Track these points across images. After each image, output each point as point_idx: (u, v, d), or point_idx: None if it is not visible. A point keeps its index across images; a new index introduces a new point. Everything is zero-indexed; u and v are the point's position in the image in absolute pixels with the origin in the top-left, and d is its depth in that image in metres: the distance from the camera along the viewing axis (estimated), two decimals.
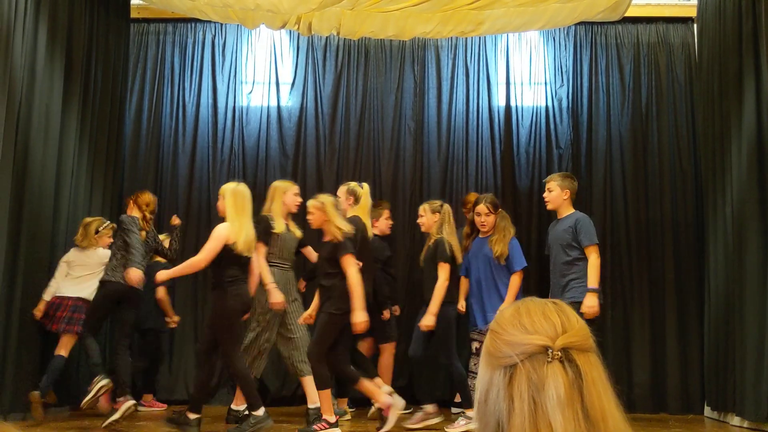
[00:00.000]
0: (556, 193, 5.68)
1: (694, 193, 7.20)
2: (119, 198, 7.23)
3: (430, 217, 5.87)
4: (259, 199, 7.46)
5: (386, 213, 6.54)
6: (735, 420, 5.89)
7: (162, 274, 5.31)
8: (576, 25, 7.29)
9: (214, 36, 7.73)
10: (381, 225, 6.43)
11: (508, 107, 7.55)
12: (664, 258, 7.13)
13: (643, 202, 7.27)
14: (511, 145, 7.49)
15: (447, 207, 5.85)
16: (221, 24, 7.54)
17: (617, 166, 7.37)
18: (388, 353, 6.29)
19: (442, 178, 7.47)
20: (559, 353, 1.10)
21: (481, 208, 5.94)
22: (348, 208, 5.89)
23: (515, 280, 5.81)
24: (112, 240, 6.01)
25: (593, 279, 5.36)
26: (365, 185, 5.90)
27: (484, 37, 7.53)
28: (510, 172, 7.43)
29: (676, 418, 6.55)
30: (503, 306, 5.10)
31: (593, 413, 1.07)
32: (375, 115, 7.57)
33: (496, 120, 7.55)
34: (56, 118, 6.04)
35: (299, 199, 6.01)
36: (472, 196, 6.44)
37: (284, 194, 5.92)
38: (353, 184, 6.01)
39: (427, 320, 5.49)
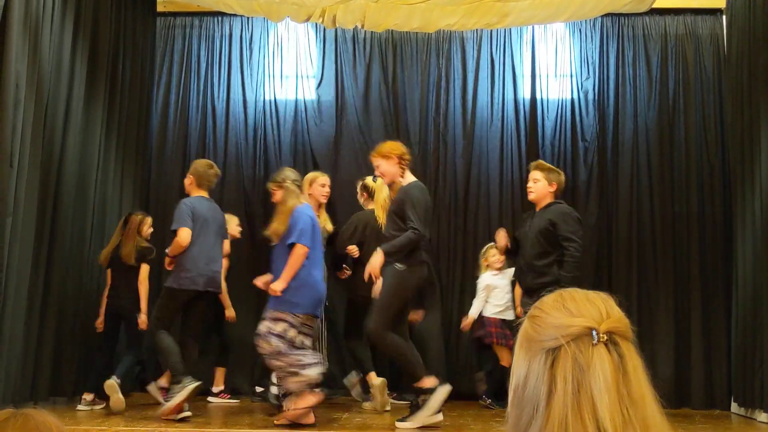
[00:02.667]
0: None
1: (721, 187, 7.11)
2: (147, 191, 7.33)
3: None
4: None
5: None
6: (762, 417, 5.82)
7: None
8: (602, 16, 7.22)
9: (241, 29, 7.75)
10: None
11: (533, 99, 7.50)
12: (689, 252, 7.05)
13: (669, 196, 7.19)
14: (537, 137, 7.43)
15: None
16: (247, 17, 7.57)
17: (643, 160, 7.29)
18: None
19: (467, 170, 7.44)
20: (605, 336, 1.11)
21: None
22: (364, 202, 5.99)
23: (295, 253, 5.11)
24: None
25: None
26: (379, 179, 5.81)
27: (509, 29, 7.48)
28: None
29: (702, 413, 6.49)
30: (278, 284, 5.04)
31: (636, 398, 1.08)
32: (400, 107, 7.56)
33: (522, 112, 7.50)
34: (81, 112, 6.08)
35: (327, 190, 6.00)
36: None
37: (311, 185, 5.92)
38: (367, 180, 6.04)
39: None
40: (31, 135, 5.24)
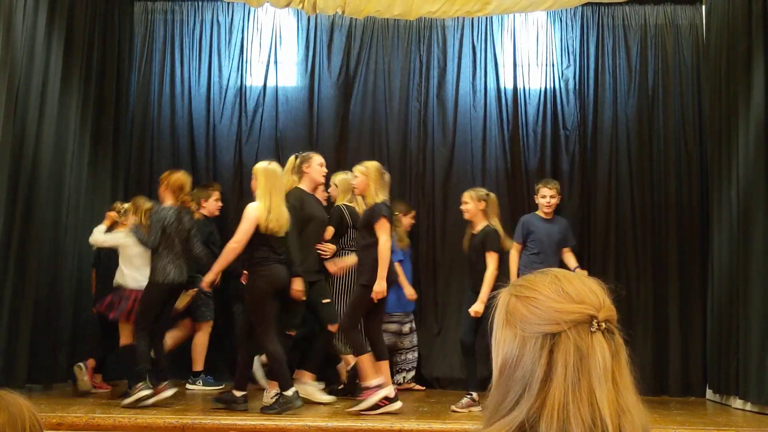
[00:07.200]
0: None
1: (699, 176, 7.16)
2: (126, 177, 7.25)
3: (476, 204, 5.79)
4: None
5: (216, 195, 6.73)
6: (737, 403, 5.91)
7: (208, 277, 5.33)
8: (583, 5, 7.22)
9: (221, 15, 7.65)
10: (210, 206, 6.65)
11: (515, 88, 7.49)
12: (667, 240, 7.11)
13: (648, 185, 7.24)
14: (519, 126, 7.43)
15: (493, 196, 5.90)
16: (227, 3, 7.48)
17: (623, 148, 7.33)
18: (203, 332, 6.38)
19: (449, 159, 7.43)
20: (604, 324, 1.13)
21: None
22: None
23: None
24: None
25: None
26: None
27: (491, 18, 7.46)
28: (518, 153, 7.39)
29: (677, 400, 6.56)
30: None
31: (627, 386, 1.10)
32: (381, 95, 7.52)
33: (503, 101, 7.50)
34: (56, 99, 5.98)
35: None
36: None
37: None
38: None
39: (477, 307, 5.49)
40: (2, 122, 5.14)
